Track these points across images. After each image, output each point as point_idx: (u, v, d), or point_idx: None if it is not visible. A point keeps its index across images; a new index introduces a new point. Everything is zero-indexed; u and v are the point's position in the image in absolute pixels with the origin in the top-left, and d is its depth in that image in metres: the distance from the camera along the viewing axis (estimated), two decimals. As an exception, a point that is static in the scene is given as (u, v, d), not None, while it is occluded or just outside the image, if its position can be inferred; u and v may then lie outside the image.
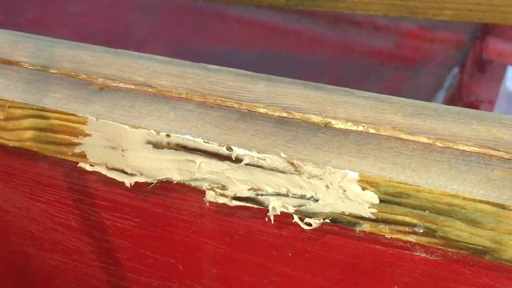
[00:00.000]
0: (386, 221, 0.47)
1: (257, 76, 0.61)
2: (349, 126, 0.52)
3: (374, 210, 0.47)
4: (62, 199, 0.62)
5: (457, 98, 1.29)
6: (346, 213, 0.48)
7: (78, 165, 0.57)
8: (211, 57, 1.30)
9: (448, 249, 0.47)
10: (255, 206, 0.51)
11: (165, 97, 0.57)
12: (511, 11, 0.70)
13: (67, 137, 0.55)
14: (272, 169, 0.49)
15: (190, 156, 0.52)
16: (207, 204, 0.54)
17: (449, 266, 0.48)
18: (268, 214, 0.51)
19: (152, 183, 0.54)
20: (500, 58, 1.38)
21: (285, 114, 0.54)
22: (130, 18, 1.56)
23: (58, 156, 0.57)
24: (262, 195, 0.51)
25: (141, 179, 0.54)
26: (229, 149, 0.50)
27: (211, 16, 1.50)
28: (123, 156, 0.54)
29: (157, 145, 0.52)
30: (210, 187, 0.52)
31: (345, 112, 0.54)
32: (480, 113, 0.54)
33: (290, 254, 0.54)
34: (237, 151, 0.50)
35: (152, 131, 0.52)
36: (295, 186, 0.49)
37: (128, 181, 0.55)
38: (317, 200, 0.48)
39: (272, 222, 0.51)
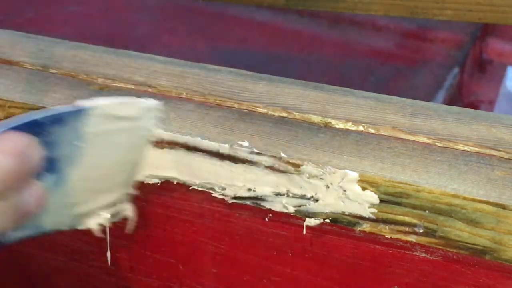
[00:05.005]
0: (386, 221, 0.47)
1: (257, 76, 0.61)
2: (349, 126, 0.52)
3: (374, 210, 0.47)
4: (62, 199, 0.62)
5: (457, 98, 1.29)
6: (346, 213, 0.48)
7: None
8: (211, 57, 1.30)
9: (448, 249, 0.46)
10: (255, 206, 0.51)
11: (165, 97, 0.57)
12: (511, 11, 0.70)
13: (67, 137, 0.55)
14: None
15: (190, 156, 0.52)
16: (207, 204, 0.54)
17: (449, 266, 0.48)
18: (268, 214, 0.51)
19: (155, 182, 0.54)
20: (500, 58, 1.38)
21: (285, 114, 0.54)
22: (130, 18, 1.55)
23: (58, 156, 0.57)
24: (262, 195, 0.50)
25: (141, 179, 0.54)
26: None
27: (211, 16, 1.50)
28: (123, 156, 0.54)
29: (157, 145, 0.52)
30: (210, 186, 0.52)
31: (345, 112, 0.54)
32: (480, 113, 0.54)
33: (290, 254, 0.54)
34: (237, 151, 0.50)
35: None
36: (295, 186, 0.49)
37: (128, 181, 0.55)
38: (317, 200, 0.48)
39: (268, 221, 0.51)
